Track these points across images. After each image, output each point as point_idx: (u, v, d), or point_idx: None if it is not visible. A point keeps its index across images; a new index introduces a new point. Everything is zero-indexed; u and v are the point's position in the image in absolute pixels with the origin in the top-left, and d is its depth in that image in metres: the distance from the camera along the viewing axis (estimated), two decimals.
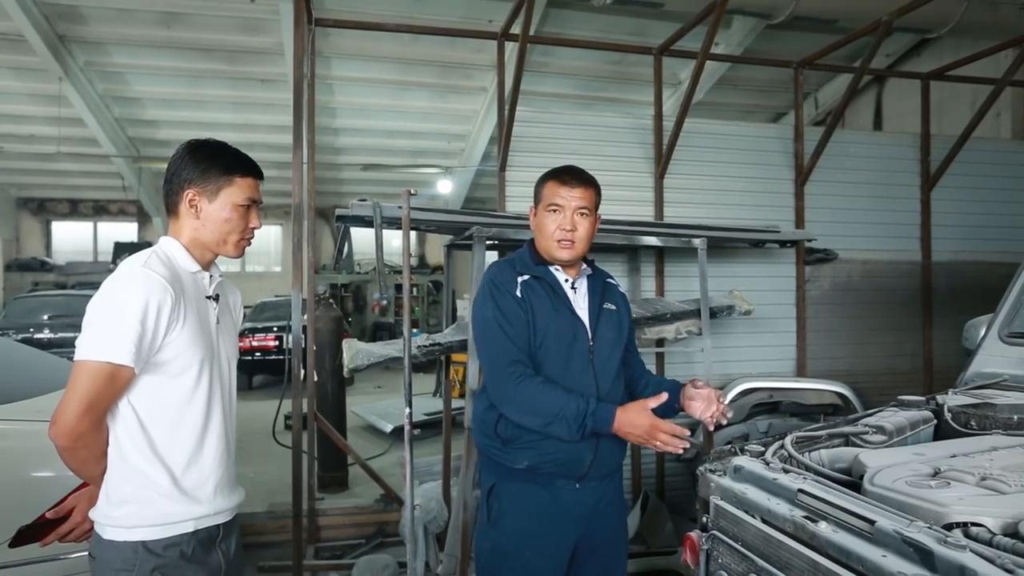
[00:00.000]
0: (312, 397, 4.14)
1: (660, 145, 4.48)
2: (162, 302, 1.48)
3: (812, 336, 4.73)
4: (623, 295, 2.15)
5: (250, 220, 1.67)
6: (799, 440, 1.91)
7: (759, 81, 9.58)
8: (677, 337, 3.91)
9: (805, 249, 4.68)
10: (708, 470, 1.83)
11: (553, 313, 1.95)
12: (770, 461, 1.69)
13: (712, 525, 1.69)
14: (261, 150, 10.82)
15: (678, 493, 4.44)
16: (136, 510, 1.51)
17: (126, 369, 1.45)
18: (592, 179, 2.02)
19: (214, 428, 1.62)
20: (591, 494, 1.97)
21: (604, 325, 2.01)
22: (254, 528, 4.27)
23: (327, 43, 8.44)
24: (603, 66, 8.96)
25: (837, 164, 4.78)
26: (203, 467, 1.59)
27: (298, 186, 3.43)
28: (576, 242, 1.95)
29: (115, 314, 1.45)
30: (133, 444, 1.52)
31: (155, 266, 1.52)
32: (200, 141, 1.66)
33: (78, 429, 1.45)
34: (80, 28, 8.40)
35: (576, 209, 1.95)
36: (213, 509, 1.60)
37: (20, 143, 11.53)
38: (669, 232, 3.97)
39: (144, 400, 1.52)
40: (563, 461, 1.91)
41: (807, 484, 1.52)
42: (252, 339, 10.23)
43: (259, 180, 1.69)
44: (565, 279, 2.02)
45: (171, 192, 1.62)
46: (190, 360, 1.55)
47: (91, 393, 1.43)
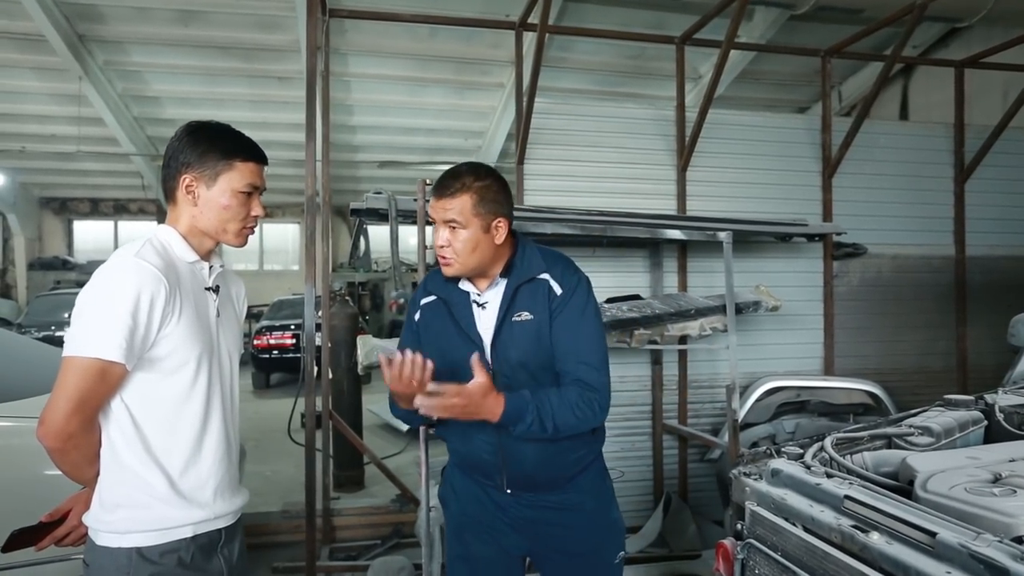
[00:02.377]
0: (327, 395, 4.07)
1: (683, 137, 4.36)
2: (155, 294, 1.38)
3: (840, 333, 4.58)
4: (555, 290, 1.72)
5: (252, 208, 1.57)
6: (839, 442, 1.78)
7: (782, 75, 9.38)
8: (701, 334, 3.79)
9: (833, 243, 4.55)
10: (743, 473, 1.70)
11: (446, 340, 1.74)
12: (811, 464, 1.56)
13: (748, 533, 1.57)
14: (278, 148, 10.87)
15: (701, 494, 4.34)
16: (131, 515, 1.42)
17: (117, 366, 1.36)
18: (462, 185, 1.66)
19: (214, 427, 1.52)
20: (528, 502, 1.76)
21: (507, 342, 1.70)
22: (269, 528, 4.19)
23: (344, 40, 8.38)
24: (622, 61, 8.81)
25: (866, 155, 4.62)
26: (202, 469, 1.50)
27: (311, 178, 3.34)
28: (452, 257, 1.68)
29: (105, 307, 1.36)
30: (127, 445, 1.43)
31: (148, 255, 1.42)
32: (200, 123, 1.56)
33: (67, 429, 1.36)
34: (99, 27, 8.42)
35: (445, 223, 1.68)
36: (213, 513, 1.51)
37: (42, 143, 11.62)
38: (693, 225, 3.85)
39: (138, 398, 1.43)
40: (472, 463, 1.79)
41: (854, 490, 1.39)
42: (269, 337, 10.23)
43: (262, 165, 1.59)
44: (475, 295, 1.76)
45: (168, 176, 1.53)
46: (187, 355, 1.46)
47: (80, 391, 1.34)
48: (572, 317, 1.70)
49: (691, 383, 4.34)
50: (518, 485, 1.75)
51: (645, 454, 4.29)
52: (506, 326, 1.70)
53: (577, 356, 1.68)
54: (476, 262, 1.69)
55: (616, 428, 4.08)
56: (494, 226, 1.69)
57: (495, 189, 1.70)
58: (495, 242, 1.70)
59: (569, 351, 1.68)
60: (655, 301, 3.91)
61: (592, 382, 1.66)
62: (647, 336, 3.70)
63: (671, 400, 4.30)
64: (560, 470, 1.75)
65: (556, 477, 1.76)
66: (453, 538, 1.90)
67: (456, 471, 1.91)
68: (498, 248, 1.72)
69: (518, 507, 1.78)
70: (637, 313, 3.65)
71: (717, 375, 4.36)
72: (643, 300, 3.96)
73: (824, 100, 4.66)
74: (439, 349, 1.72)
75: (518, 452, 1.70)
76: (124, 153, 11.36)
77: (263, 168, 1.59)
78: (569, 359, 1.68)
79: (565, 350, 1.69)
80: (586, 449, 1.79)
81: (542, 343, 1.69)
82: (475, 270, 1.72)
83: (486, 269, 1.73)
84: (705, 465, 4.31)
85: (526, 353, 1.69)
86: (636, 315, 3.63)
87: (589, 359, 1.68)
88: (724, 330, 3.74)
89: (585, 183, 4.23)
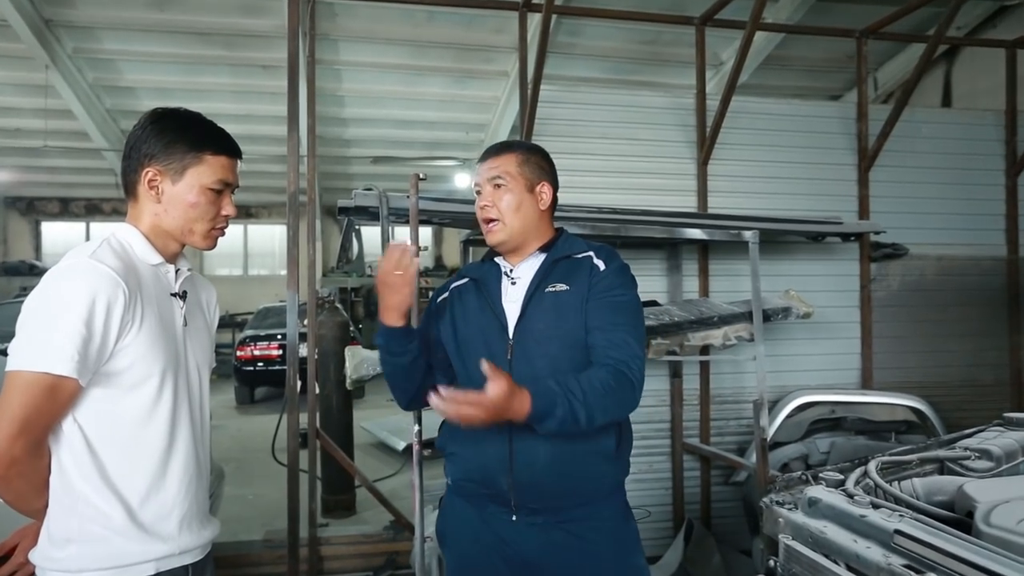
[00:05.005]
0: (314, 412, 4.02)
1: (703, 127, 4.31)
2: (112, 299, 1.33)
3: (879, 343, 4.51)
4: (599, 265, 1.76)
5: (222, 207, 1.53)
6: (885, 466, 1.71)
7: (811, 60, 9.31)
8: (725, 343, 3.73)
9: (871, 243, 4.48)
10: (775, 502, 1.64)
11: (475, 314, 1.82)
12: (854, 493, 1.50)
13: (782, 570, 1.51)
14: (264, 142, 10.92)
15: (726, 521, 4.29)
16: (83, 550, 1.37)
17: (68, 381, 1.30)
18: (508, 147, 1.83)
19: (180, 451, 1.47)
20: (535, 536, 1.70)
21: (534, 314, 1.73)
22: (249, 558, 4.12)
23: (334, 24, 8.35)
24: (636, 46, 8.76)
25: (907, 146, 4.56)
26: (165, 498, 1.44)
27: (294, 173, 3.30)
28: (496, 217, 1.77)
29: (55, 315, 1.30)
30: (79, 471, 1.37)
31: (105, 257, 1.37)
32: (166, 110, 1.51)
33: (11, 453, 1.30)
34: (67, 12, 8.40)
35: (489, 181, 1.80)
36: (178, 548, 1.45)
37: (6, 137, 11.62)
38: (715, 224, 3.80)
39: (93, 418, 1.38)
40: (478, 478, 1.76)
41: (905, 523, 1.32)
42: (254, 348, 10.19)
43: (235, 160, 1.54)
44: (507, 269, 1.84)
45: (129, 169, 1.48)
46: (149, 369, 1.41)
47: (26, 410, 1.29)
48: (613, 292, 1.74)
49: (714, 398, 4.28)
50: (525, 497, 1.70)
51: (664, 476, 4.23)
52: (536, 297, 1.75)
53: (614, 326, 1.70)
54: (520, 224, 1.78)
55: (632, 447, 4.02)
56: (539, 189, 1.81)
57: (541, 157, 1.85)
58: (539, 206, 1.81)
59: (606, 322, 1.71)
60: (674, 308, 3.86)
61: (624, 355, 1.66)
62: (665, 346, 3.64)
63: (692, 417, 4.24)
64: (574, 481, 1.71)
65: (568, 490, 1.70)
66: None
67: (455, 499, 1.86)
68: (541, 216, 1.82)
69: (523, 542, 1.72)
70: (654, 321, 3.60)
71: (743, 389, 4.30)
72: (661, 307, 3.91)
73: (860, 85, 4.60)
74: (459, 329, 1.81)
75: (530, 451, 1.68)
76: (95, 148, 11.35)
77: (237, 163, 1.55)
78: (604, 330, 1.70)
79: (601, 321, 1.71)
80: (606, 466, 1.75)
81: (575, 317, 1.72)
82: (520, 234, 1.79)
83: (528, 239, 1.81)
84: (730, 488, 4.25)
85: (554, 324, 1.73)
86: (653, 323, 3.57)
87: (624, 331, 1.70)
88: (750, 339, 3.69)
89: (596, 178, 4.19)
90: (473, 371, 1.74)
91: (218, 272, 16.60)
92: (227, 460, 6.69)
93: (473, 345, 1.78)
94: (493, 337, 1.76)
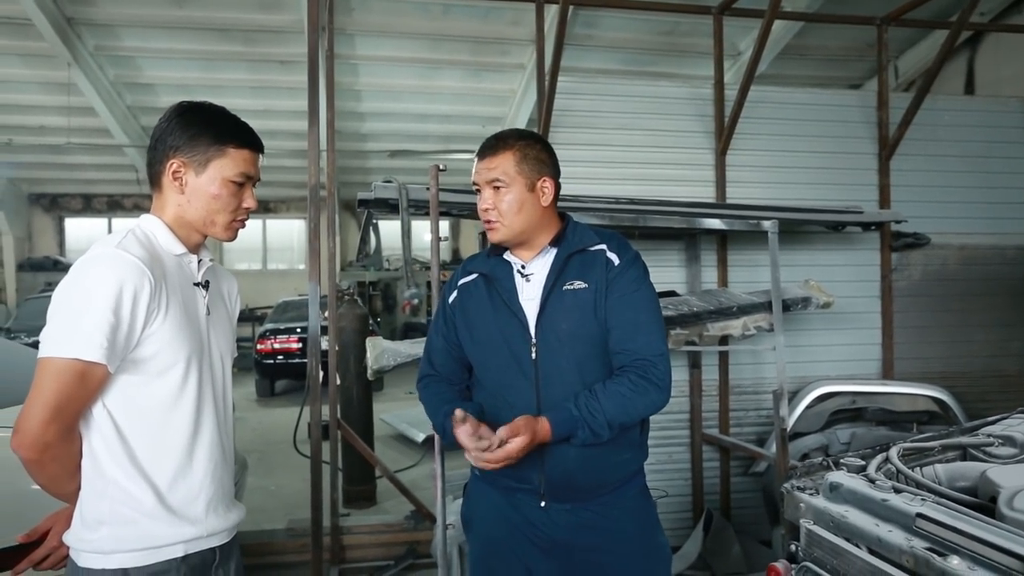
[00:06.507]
0: (335, 403, 4.05)
1: (721, 117, 4.29)
2: (139, 288, 1.36)
3: (900, 333, 4.46)
4: (613, 260, 1.75)
5: (243, 199, 1.55)
6: (907, 452, 1.70)
7: (830, 49, 9.20)
8: (744, 334, 3.72)
9: (892, 233, 4.44)
10: (796, 487, 1.64)
11: (490, 315, 1.78)
12: (875, 478, 1.49)
13: (804, 555, 1.51)
14: (282, 137, 10.99)
15: (745, 511, 4.27)
16: (115, 532, 1.40)
17: (98, 367, 1.33)
18: (504, 143, 1.75)
19: (205, 436, 1.50)
20: (564, 519, 1.73)
21: (555, 314, 1.71)
22: (273, 547, 4.19)
23: (351, 19, 8.39)
24: (653, 37, 8.71)
25: (929, 135, 4.50)
26: (192, 482, 1.47)
27: (314, 167, 3.33)
28: (497, 220, 1.74)
29: (83, 302, 1.33)
30: (110, 456, 1.40)
31: (131, 247, 1.40)
32: (192, 103, 1.54)
33: (44, 438, 1.33)
34: (89, 10, 8.51)
35: (488, 183, 1.75)
36: (206, 531, 1.48)
37: (30, 135, 11.79)
38: (734, 214, 3.78)
39: (122, 404, 1.40)
40: (507, 471, 1.73)
41: (927, 507, 1.32)
42: (274, 341, 10.29)
43: (257, 153, 1.57)
44: (520, 266, 1.80)
45: (154, 160, 1.51)
46: (175, 356, 1.43)
47: (58, 396, 1.31)
48: (629, 288, 1.73)
49: (733, 388, 4.27)
50: (557, 491, 1.72)
51: (683, 467, 4.22)
52: (555, 295, 1.72)
53: (635, 326, 1.70)
54: (522, 224, 1.74)
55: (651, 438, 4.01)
56: (540, 186, 1.75)
57: (539, 148, 1.78)
58: (541, 203, 1.75)
59: (625, 322, 1.70)
60: (692, 298, 3.85)
61: (648, 354, 1.67)
62: (684, 337, 3.64)
63: (711, 407, 4.23)
64: (605, 472, 1.73)
65: (600, 482, 1.73)
66: (478, 564, 1.87)
67: (481, 485, 1.87)
68: (545, 211, 1.77)
69: (552, 525, 1.73)
70: (673, 311, 3.59)
71: (762, 379, 4.28)
72: (679, 297, 3.89)
73: (880, 73, 4.54)
74: (476, 329, 1.78)
75: (561, 448, 1.68)
76: (117, 145, 11.50)
77: (258, 156, 1.58)
78: (624, 330, 1.70)
79: (620, 321, 1.70)
80: (632, 452, 1.77)
81: (597, 314, 1.71)
82: (522, 234, 1.76)
83: (533, 235, 1.77)
84: (749, 479, 4.24)
85: (577, 324, 1.71)
86: (672, 313, 3.57)
87: (646, 330, 1.70)
88: (769, 329, 3.67)
89: (614, 169, 4.18)
90: (493, 372, 1.77)
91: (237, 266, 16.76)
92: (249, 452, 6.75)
93: (493, 345, 1.76)
94: (514, 337, 1.73)
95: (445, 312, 1.89)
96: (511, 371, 1.73)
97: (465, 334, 1.82)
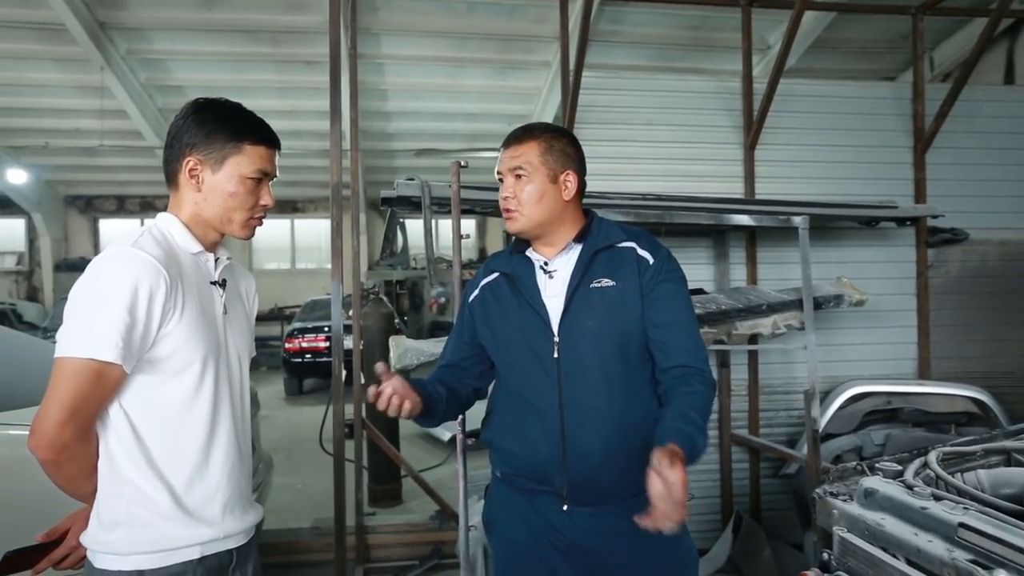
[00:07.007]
0: (359, 402, 4.05)
1: (750, 111, 4.21)
2: (154, 287, 1.34)
3: (937, 332, 4.34)
4: (646, 258, 1.71)
5: (260, 196, 1.53)
6: (946, 457, 1.63)
7: (863, 41, 9.01)
8: (774, 332, 3.64)
9: (928, 228, 4.32)
10: (828, 493, 1.57)
11: (512, 314, 1.75)
12: (914, 484, 1.42)
13: (837, 564, 1.45)
14: (308, 137, 11.08)
15: (776, 514, 4.19)
16: (131, 533, 1.39)
17: (114, 367, 1.32)
18: (530, 134, 1.73)
19: (222, 437, 1.48)
20: (586, 524, 1.68)
21: (580, 312, 1.67)
22: (299, 546, 4.20)
23: (375, 18, 8.40)
24: (680, 31, 8.61)
25: (966, 127, 4.38)
26: (209, 483, 1.45)
27: (336, 166, 3.31)
28: (516, 209, 1.71)
29: (98, 302, 1.32)
30: (127, 456, 1.39)
31: (147, 245, 1.38)
32: (208, 100, 1.53)
33: (61, 439, 1.32)
34: (120, 14, 8.63)
35: (510, 171, 1.73)
36: (222, 532, 1.46)
37: (65, 138, 12.02)
38: (763, 210, 3.71)
39: (138, 405, 1.39)
40: (530, 474, 1.73)
41: (970, 516, 1.25)
42: (302, 340, 10.37)
43: (274, 150, 1.55)
44: (542, 263, 1.76)
45: (170, 158, 1.50)
46: (191, 356, 1.41)
47: (74, 396, 1.30)
48: (672, 289, 1.71)
49: (763, 388, 4.19)
50: (579, 493, 1.68)
51: (711, 467, 4.15)
52: (581, 292, 1.69)
53: (681, 327, 1.69)
54: (541, 215, 1.70)
55: None
56: (563, 179, 1.71)
57: (565, 142, 1.74)
58: (563, 196, 1.72)
59: (672, 321, 1.68)
60: (721, 296, 3.79)
61: (700, 359, 1.67)
62: (712, 335, 3.57)
63: (740, 407, 4.16)
64: (629, 474, 1.66)
65: (624, 483, 1.67)
66: (501, 568, 1.85)
67: (502, 487, 1.84)
68: (566, 205, 1.73)
69: (575, 530, 1.69)
70: (701, 309, 3.52)
71: (793, 379, 4.20)
72: (707, 295, 3.83)
73: (915, 63, 4.42)
74: (498, 328, 1.76)
75: (584, 448, 1.65)
76: (149, 147, 11.66)
77: (275, 153, 1.56)
78: (670, 328, 1.67)
79: (666, 318, 1.68)
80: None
81: (627, 313, 1.67)
82: (540, 226, 1.72)
83: (554, 229, 1.73)
84: (780, 481, 4.15)
85: (604, 322, 1.67)
86: (700, 312, 3.50)
87: (690, 331, 1.70)
88: (800, 328, 3.59)
89: (640, 165, 4.13)
90: (516, 371, 1.75)
91: (266, 266, 16.95)
92: (277, 450, 6.81)
93: (514, 344, 1.74)
94: (536, 335, 1.70)
95: (463, 311, 1.89)
96: (532, 369, 1.70)
97: (487, 333, 1.80)
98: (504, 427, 1.78)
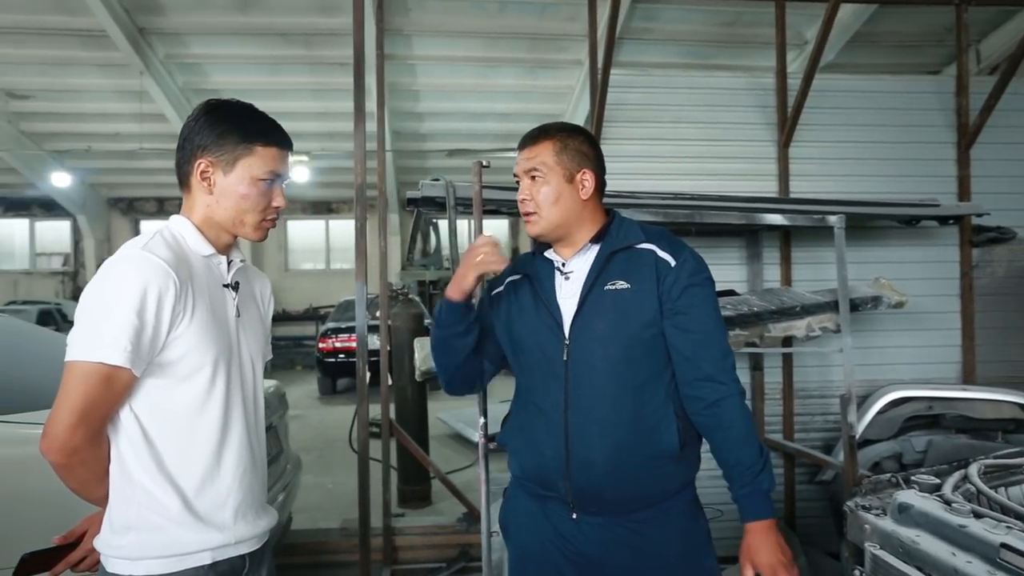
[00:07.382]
0: (387, 403, 4.04)
1: (784, 108, 4.10)
2: (163, 290, 1.33)
3: (982, 334, 4.18)
4: (667, 260, 1.65)
5: (273, 198, 1.51)
6: (989, 469, 1.54)
7: (903, 35, 8.79)
8: (809, 335, 3.53)
9: (972, 227, 4.15)
10: (860, 506, 1.50)
11: (528, 315, 1.73)
12: (952, 499, 1.34)
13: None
14: (341, 139, 11.18)
15: (812, 521, 4.09)
16: (142, 538, 1.37)
17: (123, 371, 1.31)
18: (545, 134, 1.71)
19: (234, 441, 1.46)
20: (595, 534, 1.63)
21: (593, 313, 1.63)
22: (327, 546, 4.21)
23: (407, 19, 8.45)
24: (714, 28, 8.50)
25: (1014, 121, 4.19)
26: (220, 488, 1.44)
27: (360, 166, 3.31)
28: (533, 211, 1.68)
29: (107, 306, 1.30)
30: (138, 461, 1.38)
31: (157, 248, 1.37)
32: (219, 101, 1.51)
33: (72, 443, 1.31)
34: (159, 20, 8.84)
35: (526, 173, 1.70)
36: (234, 537, 1.44)
37: (106, 142, 12.35)
38: (797, 209, 3.60)
39: (149, 408, 1.38)
40: (536, 478, 1.69)
41: (1013, 536, 1.17)
42: (335, 340, 10.46)
43: (286, 151, 1.53)
44: (559, 263, 1.74)
45: (182, 160, 1.48)
46: (201, 360, 1.40)
47: (84, 400, 1.30)
48: (699, 295, 1.65)
49: (798, 392, 4.08)
50: (585, 502, 1.64)
51: None
52: (595, 294, 1.65)
53: (708, 335, 1.64)
54: (559, 216, 1.68)
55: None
56: (579, 178, 1.68)
57: (580, 140, 1.71)
58: (580, 196, 1.68)
59: (699, 328, 1.63)
60: (753, 297, 3.69)
61: (721, 373, 1.62)
62: (745, 338, 3.48)
63: (774, 411, 4.05)
64: (637, 486, 1.62)
65: (632, 496, 1.62)
66: (514, 573, 1.82)
67: (518, 492, 1.81)
68: (584, 205, 1.70)
69: (584, 540, 1.64)
70: (732, 311, 3.44)
71: (829, 383, 4.08)
72: (739, 296, 3.74)
73: (960, 56, 4.25)
74: (515, 326, 1.74)
75: (587, 454, 1.61)
76: None
77: (287, 154, 1.54)
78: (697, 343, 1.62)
79: (693, 325, 1.63)
80: (670, 467, 1.65)
81: (641, 317, 1.62)
82: (559, 227, 1.69)
83: (572, 229, 1.71)
84: (816, 488, 4.04)
85: (616, 325, 1.62)
86: (731, 313, 3.42)
87: (717, 339, 1.65)
88: (836, 330, 3.48)
89: (670, 164, 4.04)
90: (527, 373, 1.74)
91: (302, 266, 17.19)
92: (309, 450, 6.88)
93: (528, 345, 1.72)
94: (548, 336, 1.67)
95: (483, 299, 1.88)
96: (541, 371, 1.68)
97: (503, 330, 1.79)
98: (516, 429, 1.76)
